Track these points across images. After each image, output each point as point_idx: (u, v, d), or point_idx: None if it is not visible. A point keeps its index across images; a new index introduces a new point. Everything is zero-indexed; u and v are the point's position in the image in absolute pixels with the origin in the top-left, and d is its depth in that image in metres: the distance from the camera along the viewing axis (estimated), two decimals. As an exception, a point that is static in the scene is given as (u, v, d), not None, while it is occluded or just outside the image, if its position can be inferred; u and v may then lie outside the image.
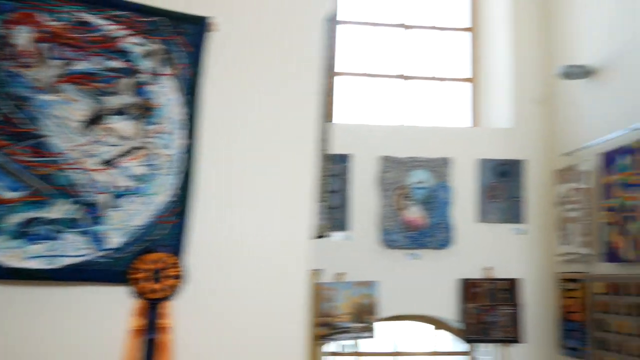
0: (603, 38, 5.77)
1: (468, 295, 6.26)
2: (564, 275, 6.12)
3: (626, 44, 5.39)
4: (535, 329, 6.30)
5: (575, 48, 6.19)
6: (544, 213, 6.38)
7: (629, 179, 5.24)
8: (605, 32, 5.73)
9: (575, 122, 6.15)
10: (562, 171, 6.17)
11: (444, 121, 6.84)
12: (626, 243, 5.25)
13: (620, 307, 5.34)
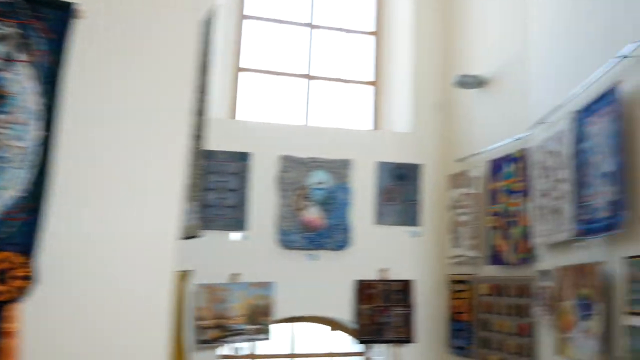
0: (494, 50, 6.05)
1: (363, 297, 6.38)
2: (454, 277, 6.37)
3: (513, 57, 5.68)
4: (427, 329, 6.51)
5: (470, 58, 6.46)
6: (438, 216, 6.61)
7: (512, 186, 5.52)
8: (497, 44, 6.02)
9: (468, 129, 6.42)
10: (455, 176, 6.42)
11: (346, 123, 6.94)
12: (508, 247, 5.53)
13: (502, 308, 5.62)
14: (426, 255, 6.62)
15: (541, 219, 4.84)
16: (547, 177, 4.75)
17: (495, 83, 6.01)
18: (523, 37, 5.48)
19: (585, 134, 4.18)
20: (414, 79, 6.71)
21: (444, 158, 6.68)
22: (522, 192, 5.35)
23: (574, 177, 4.29)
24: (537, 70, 5.25)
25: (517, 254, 5.42)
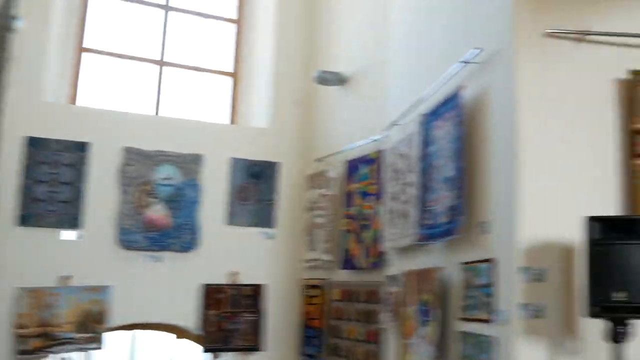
0: (356, 48, 6.13)
1: (210, 302, 6.20)
2: (308, 282, 6.37)
3: (374, 57, 5.78)
4: (278, 336, 6.45)
5: (332, 55, 6.50)
6: (295, 218, 6.59)
7: (367, 188, 5.61)
8: (359, 43, 6.10)
9: (328, 128, 6.45)
10: (313, 176, 6.42)
11: (199, 115, 6.71)
12: (361, 251, 5.62)
13: (352, 314, 5.69)
14: (280, 258, 6.57)
15: (391, 223, 4.95)
16: (398, 180, 4.86)
17: (356, 81, 6.09)
18: (384, 37, 5.59)
19: (431, 137, 4.31)
20: (274, 73, 6.64)
21: (303, 157, 6.67)
22: (375, 194, 5.45)
23: (420, 181, 4.41)
24: (394, 72, 5.37)
25: (368, 259, 5.51)
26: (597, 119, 3.53)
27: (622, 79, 3.54)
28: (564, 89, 3.53)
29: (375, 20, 5.79)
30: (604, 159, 3.50)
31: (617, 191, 3.48)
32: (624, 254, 2.93)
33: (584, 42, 3.57)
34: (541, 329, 3.31)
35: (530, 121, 3.44)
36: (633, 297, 2.89)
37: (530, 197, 3.37)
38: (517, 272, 3.34)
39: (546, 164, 3.43)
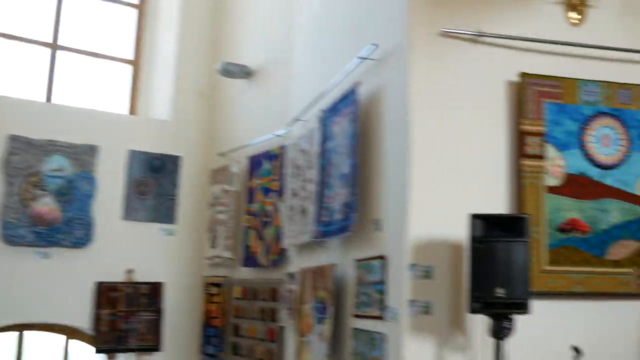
0: (262, 41, 6.08)
1: (104, 301, 5.98)
2: (209, 280, 6.28)
3: (279, 50, 5.75)
4: (178, 336, 6.33)
5: (238, 46, 6.43)
6: (197, 214, 6.47)
7: (269, 184, 5.59)
8: (265, 36, 6.05)
9: (233, 122, 6.38)
10: (216, 171, 6.33)
11: (96, 104, 6.45)
12: (262, 248, 5.59)
13: (254, 312, 5.65)
14: (181, 255, 6.44)
15: (291, 220, 4.95)
16: (298, 176, 4.87)
17: (262, 75, 6.05)
18: (290, 31, 5.57)
19: (330, 133, 4.34)
20: (177, 62, 6.48)
21: (206, 151, 6.55)
22: (277, 191, 5.43)
23: (318, 178, 4.43)
24: (299, 66, 5.37)
25: (269, 256, 5.49)
26: (488, 120, 3.67)
27: (513, 81, 3.69)
28: (458, 88, 3.64)
29: (282, 14, 5.76)
30: (494, 159, 3.64)
31: (507, 190, 3.62)
32: (505, 251, 3.06)
33: (477, 43, 3.69)
34: (429, 326, 3.40)
35: (423, 120, 3.53)
36: (512, 293, 3.03)
37: (421, 195, 3.46)
38: (406, 269, 3.42)
39: (437, 162, 3.52)
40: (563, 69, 3.75)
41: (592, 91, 3.75)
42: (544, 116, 3.66)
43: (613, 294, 3.63)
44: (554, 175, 3.63)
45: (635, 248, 3.67)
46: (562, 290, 3.55)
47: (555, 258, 3.56)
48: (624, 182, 3.72)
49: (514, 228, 3.11)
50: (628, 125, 3.77)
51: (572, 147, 3.68)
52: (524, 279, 3.04)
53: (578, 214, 3.63)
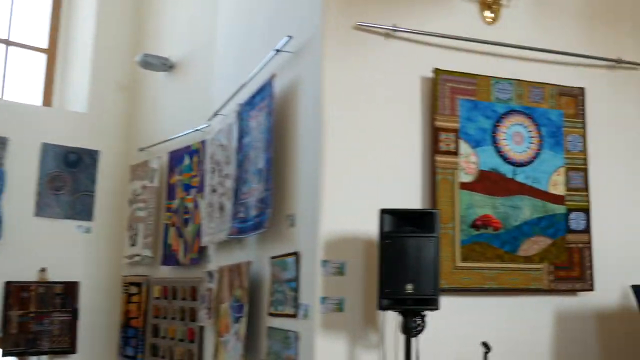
0: (184, 34, 5.91)
1: (15, 301, 5.67)
2: (128, 279, 6.06)
3: (201, 43, 5.60)
4: (95, 337, 6.08)
5: (160, 38, 6.22)
6: (116, 211, 6.23)
7: (190, 180, 5.43)
8: (187, 28, 5.88)
9: (154, 115, 6.17)
10: (136, 167, 6.11)
11: (6, 94, 6.11)
12: (182, 246, 5.42)
13: (173, 312, 5.48)
14: (99, 254, 6.18)
15: (209, 217, 4.81)
16: (217, 172, 4.74)
17: (183, 68, 5.88)
18: (212, 23, 5.42)
19: (247, 128, 4.23)
20: (95, 52, 6.22)
21: (126, 145, 6.32)
22: (198, 187, 5.29)
23: (236, 173, 4.32)
24: (220, 59, 5.24)
25: (189, 254, 5.33)
26: (403, 115, 3.63)
27: (427, 77, 3.68)
28: (372, 83, 3.59)
29: (205, 5, 5.61)
30: (409, 155, 3.61)
31: (421, 186, 3.60)
32: (415, 246, 3.03)
33: (392, 38, 3.66)
34: (341, 323, 3.34)
35: (336, 114, 3.46)
36: (421, 289, 3.00)
37: (333, 190, 3.39)
38: (319, 265, 3.35)
39: (350, 157, 3.46)
40: (477, 67, 3.76)
41: (505, 89, 3.78)
42: (458, 113, 3.67)
43: (525, 289, 3.67)
44: (468, 171, 3.64)
45: (546, 244, 3.72)
46: (474, 286, 3.56)
47: (468, 254, 3.57)
48: (536, 180, 3.77)
49: (423, 223, 3.09)
50: (539, 123, 3.83)
51: (485, 144, 3.70)
52: (433, 274, 3.02)
53: (491, 211, 3.66)
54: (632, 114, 4.09)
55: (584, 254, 3.79)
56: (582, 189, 3.85)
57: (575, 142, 3.88)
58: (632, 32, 4.18)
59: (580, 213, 3.83)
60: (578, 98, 3.92)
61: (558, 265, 3.73)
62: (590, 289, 3.78)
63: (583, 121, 3.90)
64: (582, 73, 3.99)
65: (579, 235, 3.81)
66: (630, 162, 4.03)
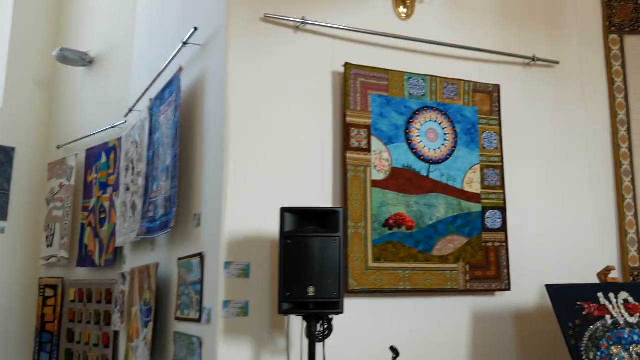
0: (104, 28, 5.57)
1: None
2: (44, 282, 5.68)
3: (121, 38, 5.28)
4: (10, 343, 5.70)
5: (80, 32, 5.86)
6: (33, 210, 5.84)
7: (106, 179, 5.10)
8: (107, 22, 5.54)
9: (72, 112, 5.81)
10: (53, 165, 5.74)
11: None
12: (97, 246, 5.10)
13: (88, 315, 5.15)
14: (14, 255, 5.78)
15: (123, 216, 4.51)
16: (131, 169, 4.44)
17: (103, 63, 5.54)
18: (131, 16, 5.12)
19: (157, 123, 3.96)
20: (11, 45, 5.81)
21: (43, 142, 5.94)
22: (114, 185, 4.97)
23: (146, 171, 4.04)
24: (138, 54, 4.94)
25: (104, 255, 5.01)
26: (313, 111, 3.43)
27: (339, 71, 3.48)
28: (281, 77, 3.37)
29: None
30: (319, 152, 3.40)
31: (332, 184, 3.40)
32: (317, 247, 2.82)
33: (302, 31, 3.45)
34: (246, 328, 3.11)
35: (242, 109, 3.23)
36: (324, 292, 2.79)
37: (238, 188, 3.16)
38: (223, 267, 3.12)
39: (257, 154, 3.24)
40: (391, 62, 3.59)
41: (419, 85, 3.62)
42: (370, 108, 3.48)
43: (440, 290, 3.51)
44: (380, 169, 3.46)
45: (462, 243, 3.58)
46: (388, 288, 3.38)
47: (381, 254, 3.39)
48: (451, 177, 3.62)
49: (327, 222, 2.88)
50: (454, 120, 3.68)
51: (398, 141, 3.53)
52: (337, 276, 2.81)
53: (404, 209, 3.49)
54: (546, 111, 3.99)
55: (500, 253, 3.67)
56: (498, 187, 3.73)
57: (490, 140, 3.76)
58: (547, 31, 4.10)
59: (496, 211, 3.70)
60: (493, 95, 3.80)
61: (474, 264, 3.60)
62: (507, 288, 3.65)
63: (498, 118, 3.78)
64: (497, 70, 3.88)
65: (495, 234, 3.68)
66: (545, 160, 3.94)
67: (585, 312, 3.26)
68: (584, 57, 4.12)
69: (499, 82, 3.81)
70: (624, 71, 4.16)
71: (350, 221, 3.34)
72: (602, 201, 4.02)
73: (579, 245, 3.87)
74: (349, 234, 3.32)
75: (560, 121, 4.00)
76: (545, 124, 3.97)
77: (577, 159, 4.01)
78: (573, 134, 4.02)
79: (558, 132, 3.99)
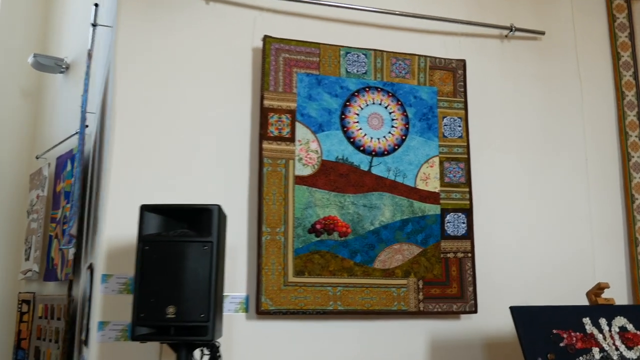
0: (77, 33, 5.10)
1: None
2: (22, 296, 5.19)
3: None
4: (-9, 361, 5.22)
5: (59, 38, 5.43)
6: (16, 223, 5.39)
7: (70, 187, 4.57)
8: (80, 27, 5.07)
9: (52, 120, 5.35)
10: (33, 175, 5.28)
11: None
12: (60, 259, 4.55)
13: (50, 333, 4.59)
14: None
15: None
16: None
17: (77, 68, 5.05)
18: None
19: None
20: (-8, 54, 5.46)
21: (26, 152, 5.50)
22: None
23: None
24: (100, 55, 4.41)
25: (65, 269, 4.45)
26: (229, 95, 2.73)
27: (259, 47, 2.77)
28: (189, 57, 2.70)
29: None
30: (236, 143, 2.70)
31: (248, 181, 2.68)
32: (181, 254, 2.09)
33: (216, 1, 2.77)
34: (128, 354, 2.41)
35: (131, 96, 2.58)
36: (184, 313, 2.05)
37: (118, 189, 2.49)
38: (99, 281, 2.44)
39: (151, 150, 2.57)
40: (322, 34, 2.84)
41: (359, 61, 2.85)
42: (295, 90, 2.74)
43: (383, 312, 2.68)
44: (307, 162, 2.70)
45: (413, 254, 2.76)
46: (313, 308, 2.60)
47: (305, 266, 2.62)
48: (399, 172, 2.81)
49: (200, 225, 2.15)
50: (404, 103, 2.88)
51: (330, 128, 2.76)
52: (205, 293, 2.06)
53: (336, 211, 2.70)
54: (529, 93, 3.11)
55: (464, 266, 2.81)
56: (462, 184, 2.88)
57: (453, 127, 2.92)
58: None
59: (460, 214, 2.85)
60: (457, 73, 2.96)
61: (430, 280, 2.76)
62: (472, 310, 2.78)
63: (464, 100, 2.95)
64: (465, 44, 3.04)
65: (458, 242, 2.83)
66: (526, 152, 3.05)
67: (563, 343, 2.35)
68: (578, 26, 3.22)
69: (464, 56, 2.97)
70: (632, 43, 3.21)
71: (266, 226, 2.59)
72: (604, 202, 3.07)
73: (570, 257, 2.94)
74: (263, 242, 2.58)
75: (547, 105, 3.11)
76: (527, 107, 3.09)
77: (569, 150, 3.10)
78: (563, 121, 3.11)
79: (543, 118, 3.10)
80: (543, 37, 3.14)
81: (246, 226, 2.64)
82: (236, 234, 2.62)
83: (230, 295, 2.60)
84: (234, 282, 2.61)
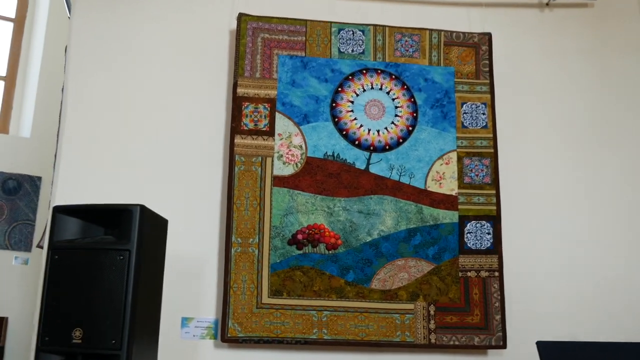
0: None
1: (-64, 338, 4.82)
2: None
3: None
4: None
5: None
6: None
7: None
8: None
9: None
10: (76, 193, 5.14)
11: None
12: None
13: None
14: (36, 288, 5.20)
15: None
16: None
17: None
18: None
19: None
20: (40, 78, 5.43)
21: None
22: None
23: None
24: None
25: None
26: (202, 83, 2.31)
27: (233, 29, 2.33)
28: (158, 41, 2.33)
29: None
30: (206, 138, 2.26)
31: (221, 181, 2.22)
32: (91, 265, 1.64)
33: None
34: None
35: (83, 85, 2.23)
36: (93, 338, 1.59)
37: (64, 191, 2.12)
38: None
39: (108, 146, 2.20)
40: (308, 9, 2.35)
41: (355, 39, 2.32)
42: (276, 75, 2.26)
43: (383, 343, 2.09)
44: (287, 160, 2.20)
45: (423, 272, 2.15)
46: (292, 337, 2.07)
47: (283, 285, 2.10)
48: (405, 171, 2.24)
49: (118, 229, 1.69)
50: (412, 87, 2.30)
51: (318, 119, 2.25)
52: (119, 314, 1.60)
53: (324, 219, 2.17)
54: (569, 71, 2.42)
55: (490, 288, 2.16)
56: (487, 185, 2.25)
57: (475, 115, 2.30)
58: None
59: (484, 223, 2.22)
60: (480, 49, 2.35)
61: (444, 305, 2.14)
62: (500, 345, 2.12)
63: (489, 82, 2.32)
64: (487, 14, 2.43)
65: (482, 258, 2.19)
66: (566, 144, 2.36)
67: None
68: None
69: (490, 29, 2.36)
70: None
71: (236, 236, 2.11)
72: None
73: (631, 278, 2.20)
74: (232, 255, 2.10)
75: (600, 87, 2.41)
76: (573, 90, 2.40)
77: (629, 144, 2.40)
78: (620, 106, 2.39)
79: (594, 103, 2.39)
80: (595, 2, 2.46)
81: (217, 237, 2.17)
82: (206, 246, 2.16)
83: (196, 318, 2.14)
84: (202, 303, 2.15)
